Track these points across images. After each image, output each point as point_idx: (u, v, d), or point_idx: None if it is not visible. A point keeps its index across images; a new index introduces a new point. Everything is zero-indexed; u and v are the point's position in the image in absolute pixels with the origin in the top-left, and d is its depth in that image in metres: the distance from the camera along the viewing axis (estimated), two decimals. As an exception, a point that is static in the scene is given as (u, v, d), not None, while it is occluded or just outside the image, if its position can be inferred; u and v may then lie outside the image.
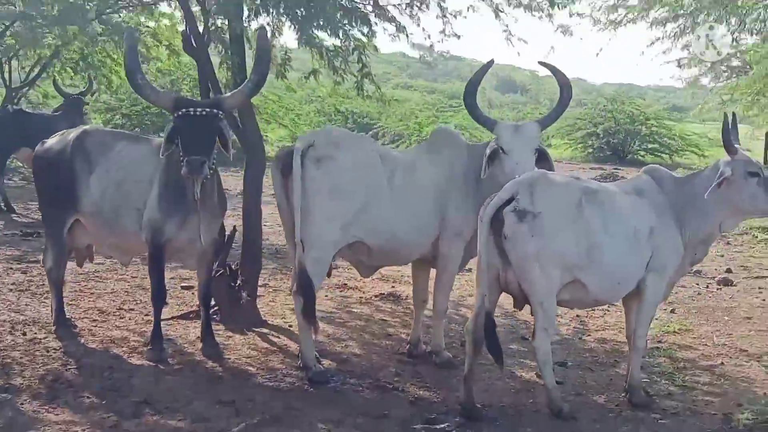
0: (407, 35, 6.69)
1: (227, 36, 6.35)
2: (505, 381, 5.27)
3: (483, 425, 4.39)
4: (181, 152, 4.65)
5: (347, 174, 4.91)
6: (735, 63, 13.56)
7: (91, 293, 6.95)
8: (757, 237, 12.05)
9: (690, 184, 4.75)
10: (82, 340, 5.61)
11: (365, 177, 4.97)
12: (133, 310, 6.37)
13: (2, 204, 10.92)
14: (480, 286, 4.45)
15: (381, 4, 6.43)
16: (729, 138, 4.69)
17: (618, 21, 9.59)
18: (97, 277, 7.50)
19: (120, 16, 10.93)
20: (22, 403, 4.39)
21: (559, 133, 25.48)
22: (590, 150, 24.36)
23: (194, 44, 6.21)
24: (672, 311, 7.63)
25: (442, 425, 4.28)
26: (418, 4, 6.54)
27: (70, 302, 6.31)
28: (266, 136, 16.52)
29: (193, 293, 6.67)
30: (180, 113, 4.69)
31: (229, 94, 5.21)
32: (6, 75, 13.92)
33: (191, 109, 4.71)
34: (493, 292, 4.43)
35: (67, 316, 5.80)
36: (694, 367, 5.74)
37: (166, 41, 11.34)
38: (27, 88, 14.47)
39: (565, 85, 5.57)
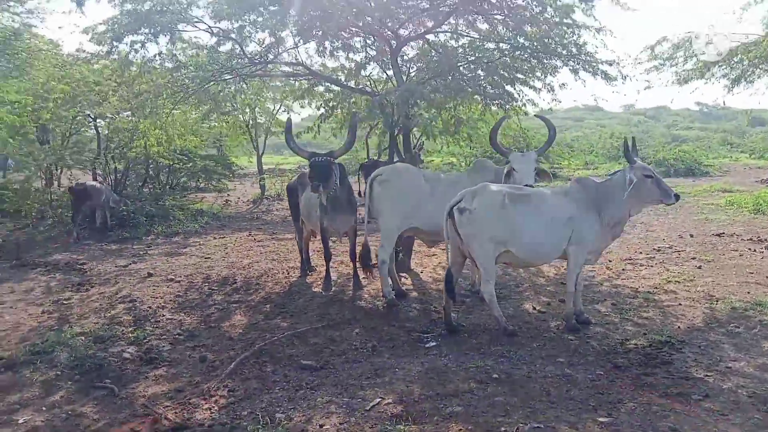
0: None
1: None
2: (483, 311, 5.81)
3: (456, 336, 5.24)
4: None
5: (400, 190, 6.20)
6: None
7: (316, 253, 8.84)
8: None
9: (606, 185, 5.24)
10: (308, 279, 7.38)
11: (412, 191, 6.17)
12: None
13: None
14: (449, 254, 5.43)
15: None
16: (629, 153, 5.23)
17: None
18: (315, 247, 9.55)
19: None
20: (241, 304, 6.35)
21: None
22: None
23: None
24: (699, 267, 7.61)
25: (431, 334, 5.31)
26: None
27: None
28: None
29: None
30: (312, 160, 6.17)
31: (333, 151, 6.27)
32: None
33: (316, 158, 6.12)
34: (456, 257, 5.35)
35: (312, 264, 7.77)
36: (654, 306, 5.88)
37: None
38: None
39: (551, 128, 6.38)
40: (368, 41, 8.44)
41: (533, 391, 4.04)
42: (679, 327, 5.31)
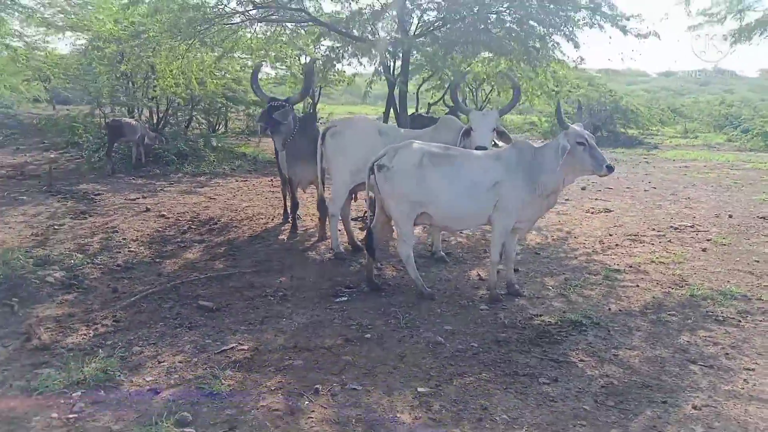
0: None
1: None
2: (426, 273, 5.85)
3: (375, 293, 5.17)
4: None
5: (351, 142, 6.05)
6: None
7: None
8: None
9: (542, 152, 4.88)
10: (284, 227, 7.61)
11: (364, 145, 5.96)
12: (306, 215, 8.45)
13: None
14: (373, 213, 5.30)
15: None
16: (561, 117, 4.80)
17: None
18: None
19: None
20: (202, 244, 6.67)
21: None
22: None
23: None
24: (704, 250, 6.91)
25: (351, 289, 5.27)
26: None
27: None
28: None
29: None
30: (267, 104, 6.40)
31: (290, 97, 6.46)
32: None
33: (271, 102, 6.34)
34: (380, 215, 5.18)
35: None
36: (606, 286, 5.48)
37: None
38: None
39: (516, 88, 6.00)
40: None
41: (388, 355, 3.97)
42: (609, 309, 4.94)
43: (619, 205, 9.58)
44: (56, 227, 7.22)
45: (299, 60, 12.03)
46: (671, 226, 8.13)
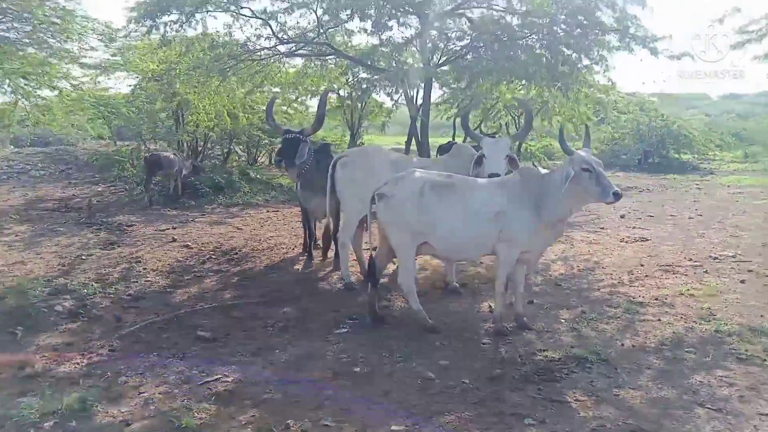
0: None
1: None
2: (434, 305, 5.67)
3: (378, 325, 5.03)
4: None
5: (362, 172, 6.01)
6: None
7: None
8: None
9: (548, 180, 4.67)
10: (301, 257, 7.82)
11: (375, 174, 5.81)
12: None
13: None
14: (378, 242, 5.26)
15: None
16: (564, 143, 4.61)
17: None
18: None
19: None
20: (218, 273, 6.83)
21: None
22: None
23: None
24: (742, 281, 6.45)
25: (353, 321, 5.14)
26: None
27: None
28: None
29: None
30: (283, 137, 6.55)
31: (304, 129, 6.63)
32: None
33: (286, 135, 6.49)
34: (383, 245, 5.11)
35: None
36: (623, 320, 5.16)
37: None
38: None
39: (528, 113, 5.85)
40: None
41: (373, 390, 3.84)
42: (622, 344, 4.64)
43: (658, 234, 9.13)
44: (83, 257, 7.44)
45: (337, 93, 12.22)
46: (710, 256, 7.66)
